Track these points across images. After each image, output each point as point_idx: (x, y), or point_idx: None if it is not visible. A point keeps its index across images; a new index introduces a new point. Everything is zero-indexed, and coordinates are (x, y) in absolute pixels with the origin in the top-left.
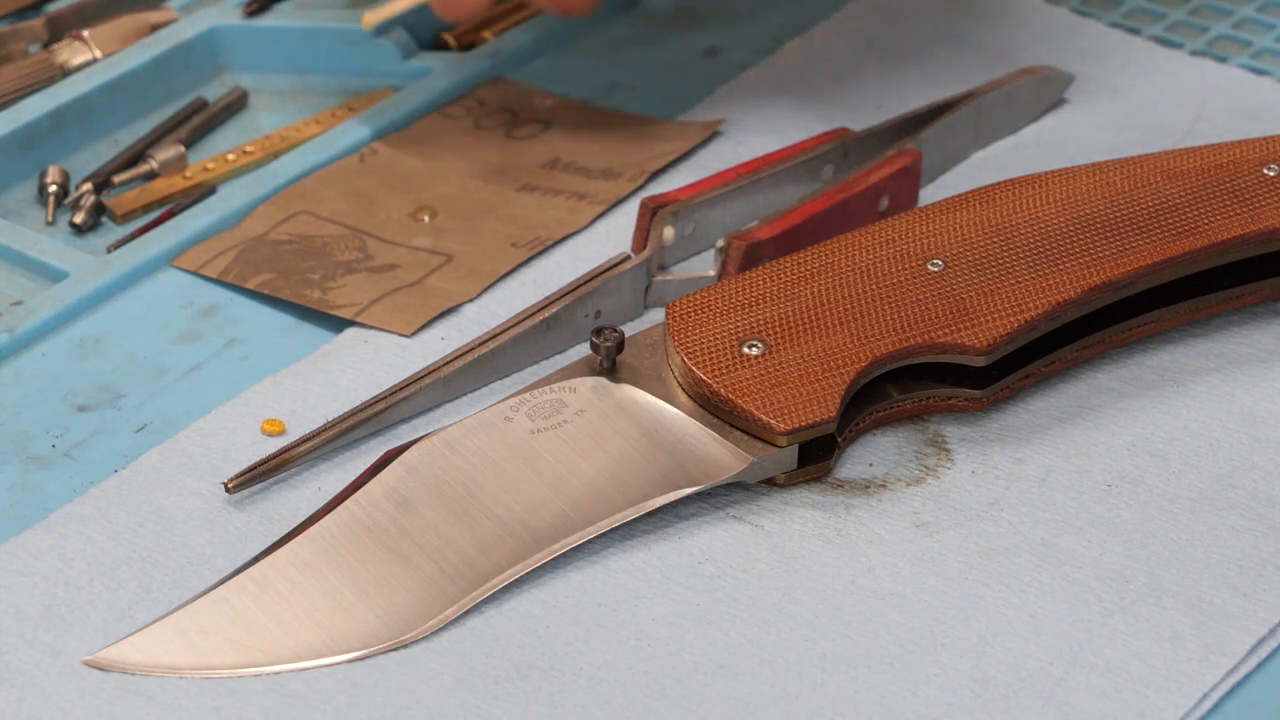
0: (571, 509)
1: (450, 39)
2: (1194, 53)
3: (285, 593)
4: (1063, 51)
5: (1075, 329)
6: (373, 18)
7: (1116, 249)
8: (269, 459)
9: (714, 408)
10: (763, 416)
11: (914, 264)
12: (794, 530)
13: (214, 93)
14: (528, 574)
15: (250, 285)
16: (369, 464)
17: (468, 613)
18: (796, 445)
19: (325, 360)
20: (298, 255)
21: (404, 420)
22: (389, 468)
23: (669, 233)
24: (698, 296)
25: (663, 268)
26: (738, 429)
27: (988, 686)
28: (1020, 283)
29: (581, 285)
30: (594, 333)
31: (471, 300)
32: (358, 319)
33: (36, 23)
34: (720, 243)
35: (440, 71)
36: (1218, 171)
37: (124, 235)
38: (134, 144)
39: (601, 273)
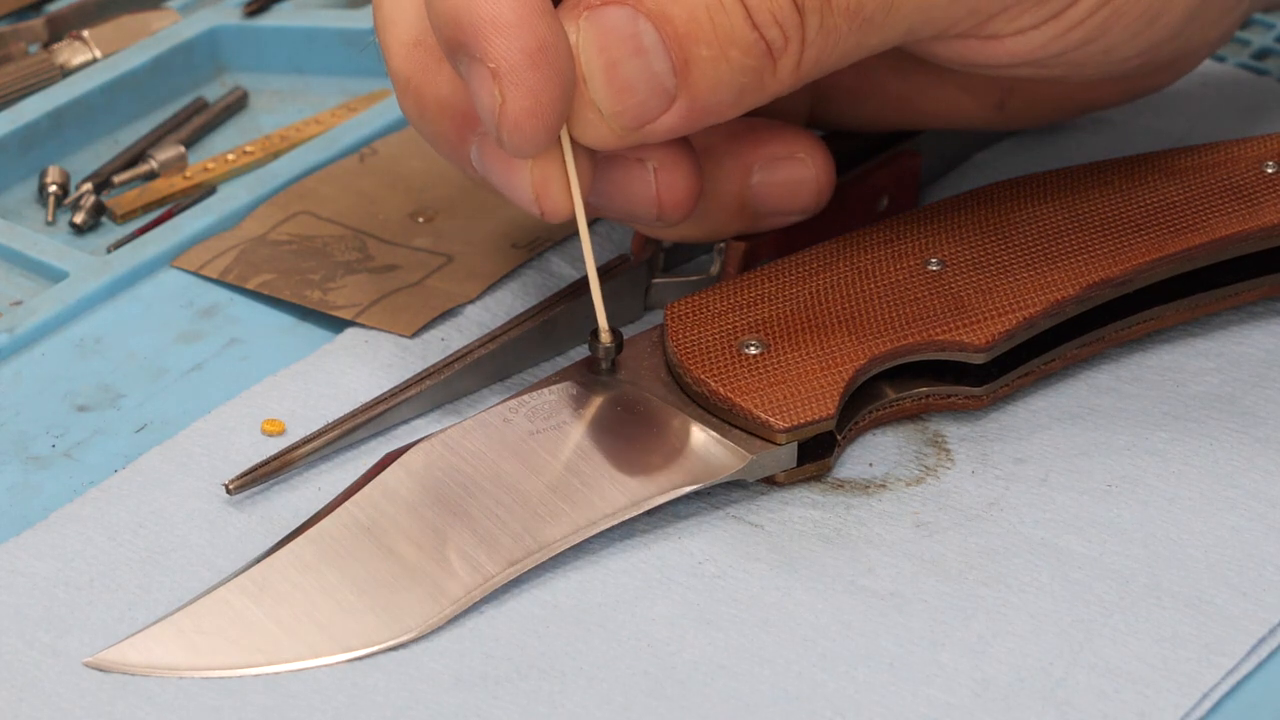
0: (571, 509)
1: None
2: None
3: (285, 593)
4: None
5: (1075, 326)
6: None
7: (1116, 246)
8: (269, 460)
9: (713, 407)
10: (762, 414)
11: (913, 264)
12: (794, 530)
13: (214, 93)
14: (528, 574)
15: (250, 285)
16: (369, 465)
17: (467, 613)
18: (796, 443)
19: (325, 360)
20: (298, 255)
21: (404, 421)
22: (389, 469)
23: None
24: (697, 297)
25: (662, 269)
26: (737, 428)
27: (988, 686)
28: (1020, 280)
29: (581, 287)
30: (593, 334)
31: (472, 301)
32: (358, 320)
33: (36, 23)
34: (720, 243)
35: None
36: (1217, 169)
37: (124, 235)
38: (134, 144)
39: (601, 274)
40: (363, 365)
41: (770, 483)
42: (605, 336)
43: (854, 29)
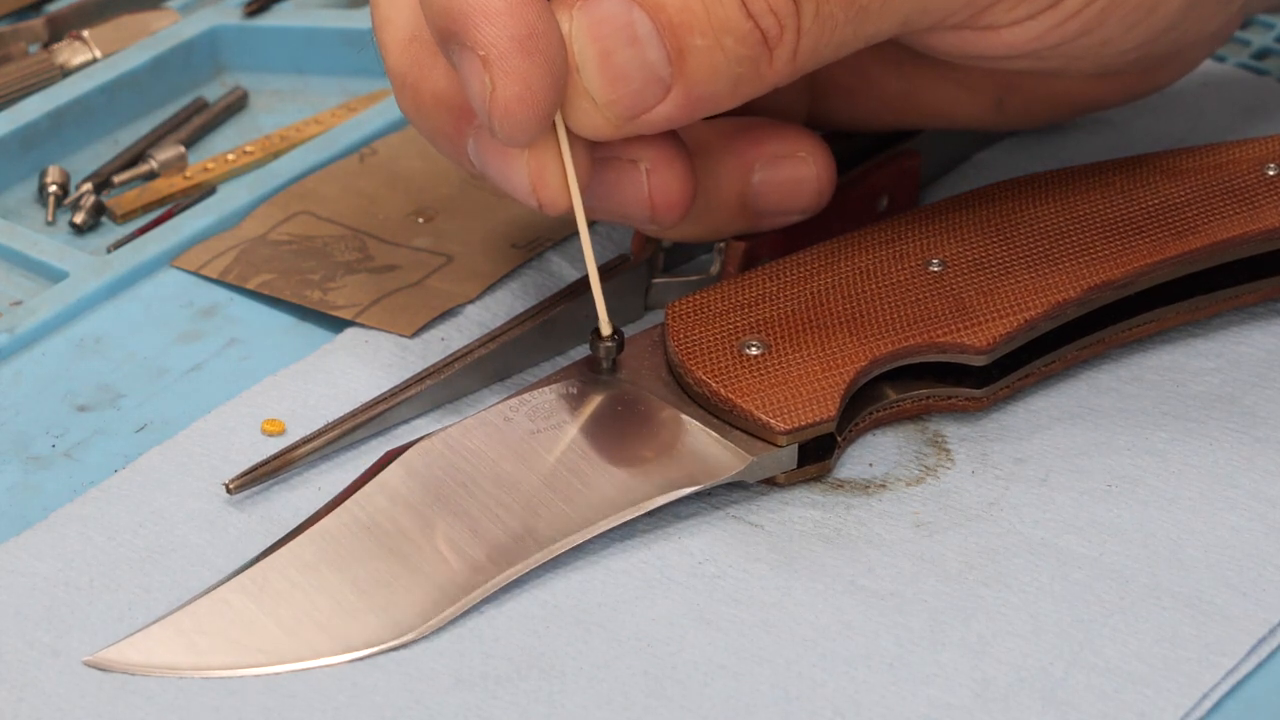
0: (571, 509)
1: None
2: None
3: (285, 593)
4: None
5: (1075, 328)
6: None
7: (1116, 248)
8: (269, 460)
9: (714, 408)
10: (762, 416)
11: (914, 264)
12: (794, 530)
13: (214, 93)
14: (528, 574)
15: (250, 285)
16: (369, 464)
17: (468, 613)
18: (796, 445)
19: (325, 360)
20: (298, 255)
21: (404, 421)
22: (389, 468)
23: None
24: (697, 297)
25: (662, 269)
26: (738, 429)
27: (988, 686)
28: (1020, 282)
29: (581, 286)
30: (594, 333)
31: (472, 301)
32: (358, 319)
33: (36, 23)
34: (720, 243)
35: None
36: (1218, 171)
37: (124, 235)
38: (134, 144)
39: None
40: (363, 365)
41: (770, 483)
42: (606, 334)
43: (850, 18)
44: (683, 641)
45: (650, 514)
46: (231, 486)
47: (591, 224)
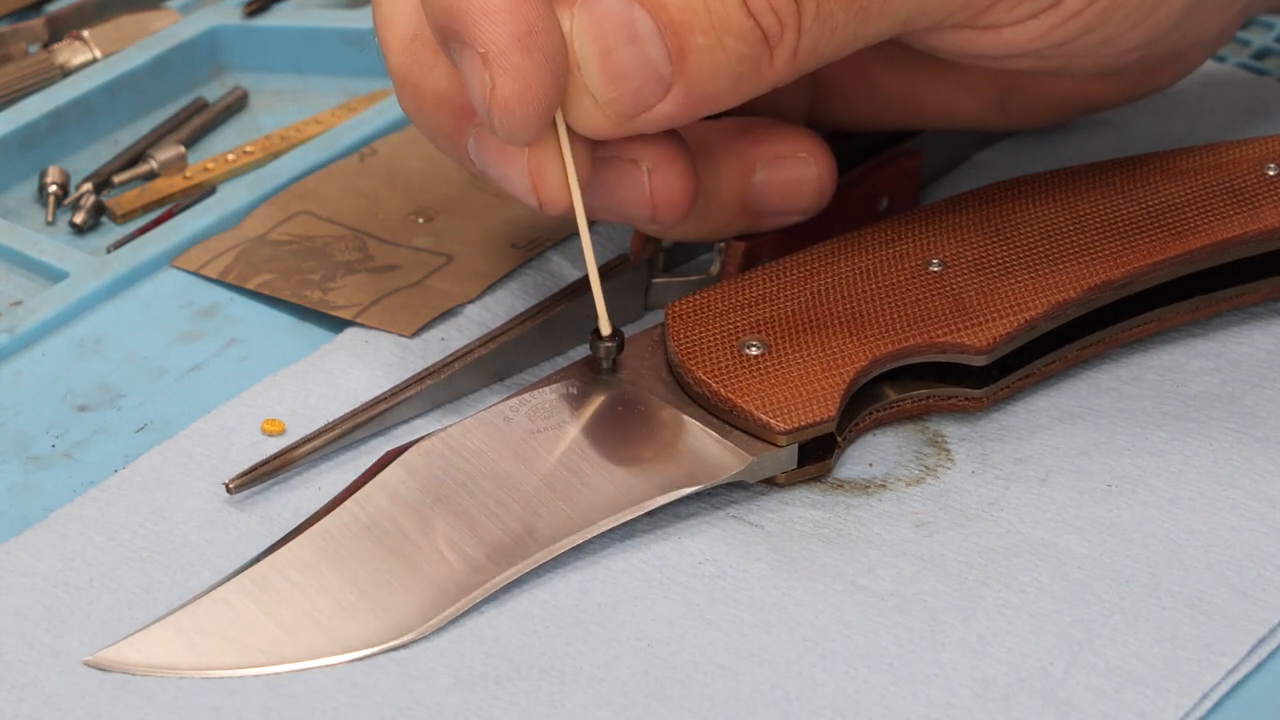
0: (571, 509)
1: None
2: None
3: (285, 593)
4: None
5: (1075, 328)
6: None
7: (1116, 249)
8: (270, 459)
9: (714, 408)
10: (762, 416)
11: (914, 264)
12: (794, 530)
13: (214, 93)
14: (528, 574)
15: (250, 285)
16: (369, 464)
17: (468, 613)
18: (796, 445)
19: (325, 360)
20: (298, 255)
21: (404, 421)
22: (389, 468)
23: None
24: (697, 297)
25: (662, 269)
26: (738, 429)
27: (988, 686)
28: (1020, 282)
29: (581, 286)
30: (594, 333)
31: (472, 301)
32: (358, 319)
33: (36, 23)
34: (720, 243)
35: None
36: (1218, 171)
37: (124, 235)
38: (134, 144)
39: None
40: (363, 365)
41: (770, 483)
42: (606, 334)
43: (850, 18)
44: (683, 641)
45: (650, 514)
46: (231, 486)
47: (592, 224)
